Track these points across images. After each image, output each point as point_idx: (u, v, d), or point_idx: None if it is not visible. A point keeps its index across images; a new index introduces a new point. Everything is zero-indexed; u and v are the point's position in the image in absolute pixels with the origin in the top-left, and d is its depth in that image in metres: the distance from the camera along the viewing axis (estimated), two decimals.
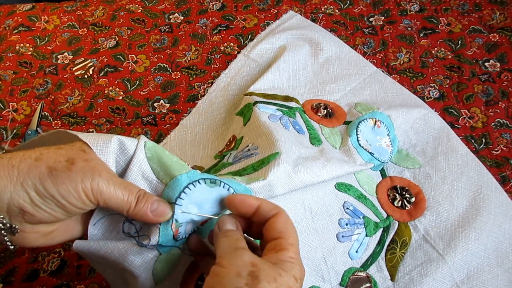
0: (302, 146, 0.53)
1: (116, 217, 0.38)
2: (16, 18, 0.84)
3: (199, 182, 0.37)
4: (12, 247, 0.34)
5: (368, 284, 0.52)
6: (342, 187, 0.55)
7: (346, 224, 0.53)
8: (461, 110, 0.67)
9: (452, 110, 0.67)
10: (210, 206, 0.38)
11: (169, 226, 0.36)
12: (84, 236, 0.38)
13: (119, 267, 0.36)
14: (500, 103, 0.68)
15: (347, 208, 0.54)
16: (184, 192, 0.36)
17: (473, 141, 0.64)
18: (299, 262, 0.33)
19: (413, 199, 0.58)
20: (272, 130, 0.52)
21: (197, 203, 0.37)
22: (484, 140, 0.64)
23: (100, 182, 0.33)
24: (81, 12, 0.85)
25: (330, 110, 0.64)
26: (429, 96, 0.69)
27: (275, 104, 0.61)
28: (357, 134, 0.59)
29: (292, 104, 0.63)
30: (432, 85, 0.71)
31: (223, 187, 0.38)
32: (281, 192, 0.45)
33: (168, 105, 0.71)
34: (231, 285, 0.29)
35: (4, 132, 0.69)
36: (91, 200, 0.33)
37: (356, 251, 0.53)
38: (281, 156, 0.46)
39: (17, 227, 0.33)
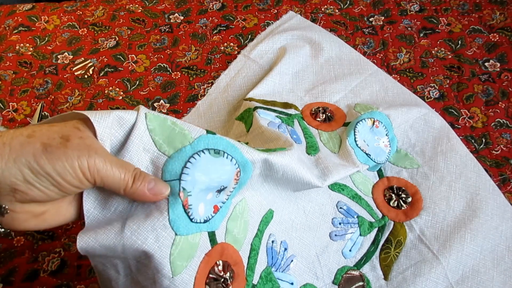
0: (301, 154, 0.53)
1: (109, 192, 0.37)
2: (16, 18, 0.84)
3: (203, 152, 0.38)
4: (2, 229, 0.33)
5: (361, 283, 0.52)
6: (336, 187, 0.55)
7: (340, 223, 0.54)
8: (461, 110, 0.67)
9: (452, 110, 0.67)
10: (217, 175, 0.39)
11: (177, 195, 0.36)
12: (77, 220, 0.37)
13: (132, 249, 0.35)
14: (500, 103, 0.68)
15: (341, 208, 0.54)
16: (189, 162, 0.37)
17: (473, 141, 0.64)
18: None
19: (409, 199, 0.58)
20: (279, 135, 0.52)
21: (204, 171, 0.37)
22: (484, 140, 0.64)
23: (97, 159, 0.32)
24: (81, 12, 0.85)
25: (329, 114, 0.64)
26: (429, 96, 0.69)
27: (274, 111, 0.61)
28: (354, 134, 0.59)
29: (291, 111, 0.63)
30: (432, 85, 0.71)
31: (227, 157, 0.39)
32: (280, 176, 0.45)
33: (168, 105, 0.71)
34: None
35: None
36: (87, 178, 0.33)
37: (350, 250, 0.53)
38: (288, 151, 0.46)
39: (6, 207, 0.32)
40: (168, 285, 0.36)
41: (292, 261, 0.50)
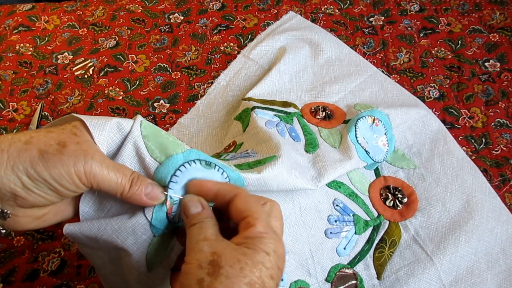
0: (298, 153, 0.53)
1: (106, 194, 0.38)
2: (16, 18, 0.84)
3: (194, 162, 0.38)
4: (4, 231, 0.34)
5: (354, 281, 0.52)
6: (333, 184, 0.55)
7: (335, 221, 0.54)
8: (461, 110, 0.67)
9: (452, 110, 0.67)
10: None
11: (163, 202, 0.37)
12: (76, 217, 0.38)
13: (112, 245, 0.36)
14: (500, 103, 0.68)
15: (337, 205, 0.54)
16: (179, 170, 0.37)
17: (473, 141, 0.64)
18: (272, 235, 0.32)
19: (405, 200, 0.58)
20: (271, 136, 0.52)
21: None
22: (484, 140, 0.64)
23: (93, 164, 0.33)
24: (81, 12, 0.85)
25: (329, 112, 0.64)
26: (429, 96, 0.69)
27: (273, 110, 0.61)
28: (355, 131, 0.59)
29: (290, 109, 0.63)
30: (432, 85, 0.71)
31: (218, 170, 0.39)
32: (275, 189, 0.45)
33: (168, 105, 0.71)
34: (193, 279, 0.29)
35: (4, 132, 0.69)
36: (84, 183, 0.33)
37: (344, 248, 0.53)
38: (278, 160, 0.46)
39: (8, 212, 0.33)
40: (146, 281, 0.38)
41: None
